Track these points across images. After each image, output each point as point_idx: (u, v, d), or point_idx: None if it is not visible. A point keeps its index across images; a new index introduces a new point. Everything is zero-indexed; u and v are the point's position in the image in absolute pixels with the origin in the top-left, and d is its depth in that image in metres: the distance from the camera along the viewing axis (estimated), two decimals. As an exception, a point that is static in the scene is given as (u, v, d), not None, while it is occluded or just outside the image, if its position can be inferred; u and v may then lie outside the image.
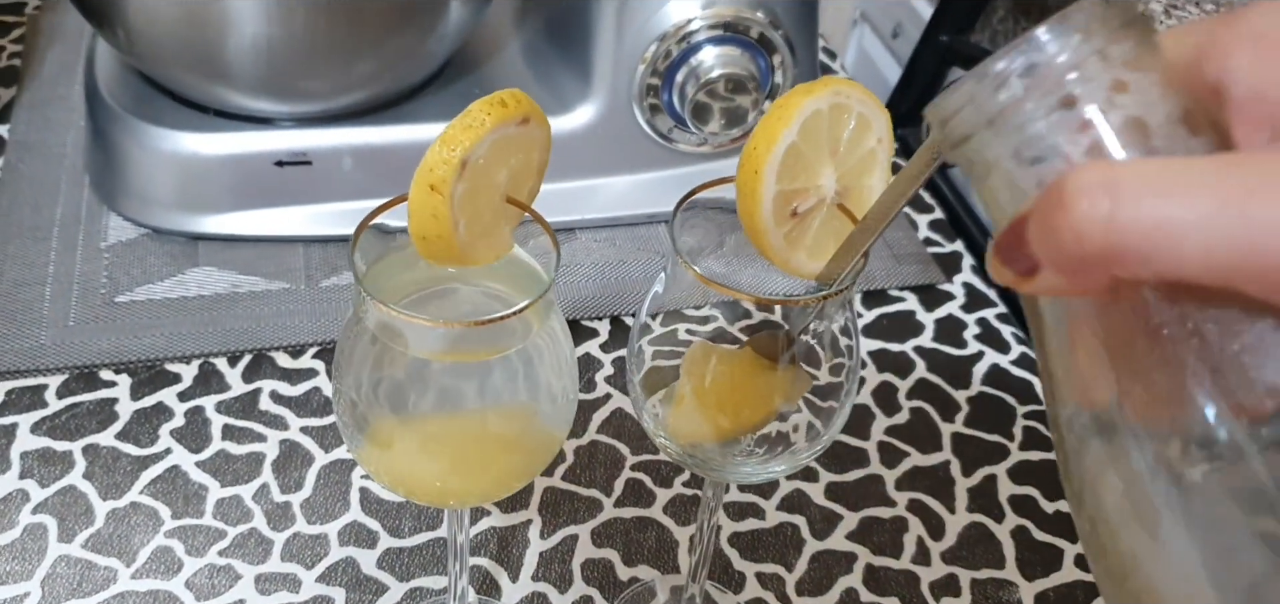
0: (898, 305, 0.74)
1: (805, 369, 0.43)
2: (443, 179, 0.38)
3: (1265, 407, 0.24)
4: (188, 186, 0.70)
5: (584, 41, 0.72)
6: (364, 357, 0.40)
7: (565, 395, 0.42)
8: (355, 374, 0.40)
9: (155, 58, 0.68)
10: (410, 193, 0.38)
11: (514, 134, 0.39)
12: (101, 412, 0.61)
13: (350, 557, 0.57)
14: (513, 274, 0.42)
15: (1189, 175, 0.23)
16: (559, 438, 0.43)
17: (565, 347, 0.42)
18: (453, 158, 0.37)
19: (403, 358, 0.39)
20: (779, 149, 0.40)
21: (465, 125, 0.38)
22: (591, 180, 0.74)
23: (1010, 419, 0.68)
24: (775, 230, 0.41)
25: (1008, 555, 0.61)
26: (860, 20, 1.11)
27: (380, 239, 0.41)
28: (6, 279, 0.67)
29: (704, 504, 0.49)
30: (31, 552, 0.55)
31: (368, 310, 0.39)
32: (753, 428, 0.43)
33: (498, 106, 0.38)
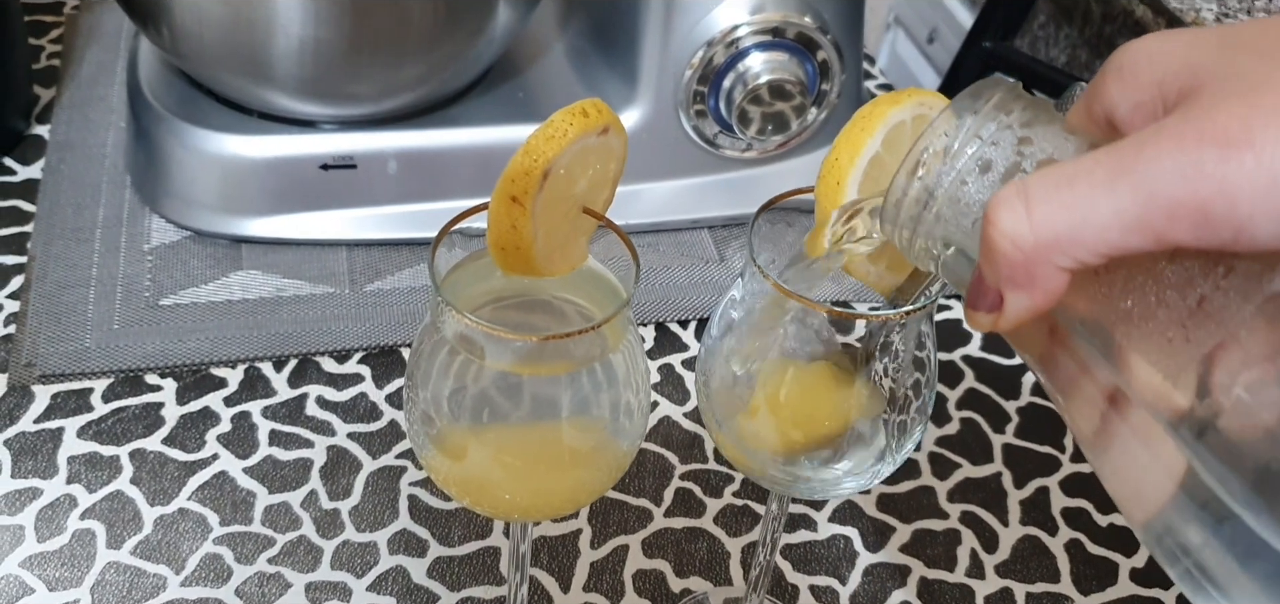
0: (945, 313, 0.74)
1: (881, 383, 0.42)
2: (525, 190, 0.37)
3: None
4: (231, 189, 0.69)
5: (630, 46, 0.71)
6: (440, 366, 0.39)
7: (640, 410, 0.41)
8: (430, 383, 0.40)
9: (200, 58, 0.68)
10: (491, 203, 0.38)
11: (594, 144, 0.39)
12: (147, 416, 0.61)
13: (401, 565, 0.56)
14: (587, 286, 0.42)
15: (1082, 163, 0.28)
16: (630, 453, 0.42)
17: (641, 362, 0.41)
18: (535, 168, 0.37)
19: (479, 369, 0.39)
20: (862, 160, 0.39)
21: (548, 135, 0.37)
22: (635, 185, 0.74)
23: (1061, 430, 0.67)
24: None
25: (1062, 569, 0.60)
26: (894, 24, 1.10)
27: (457, 246, 0.40)
28: (50, 281, 0.66)
29: (767, 517, 0.49)
30: (81, 558, 0.54)
31: (445, 319, 0.38)
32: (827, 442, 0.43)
33: (580, 116, 0.38)
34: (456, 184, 0.71)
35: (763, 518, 0.50)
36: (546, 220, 0.38)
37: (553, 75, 0.76)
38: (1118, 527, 0.62)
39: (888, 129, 0.39)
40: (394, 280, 0.69)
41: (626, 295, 0.39)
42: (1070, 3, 0.89)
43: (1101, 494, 0.64)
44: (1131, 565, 0.61)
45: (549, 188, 0.38)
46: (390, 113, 0.70)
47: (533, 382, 0.39)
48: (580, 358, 0.39)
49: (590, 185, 0.40)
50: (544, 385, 0.39)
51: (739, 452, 0.43)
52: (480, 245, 0.40)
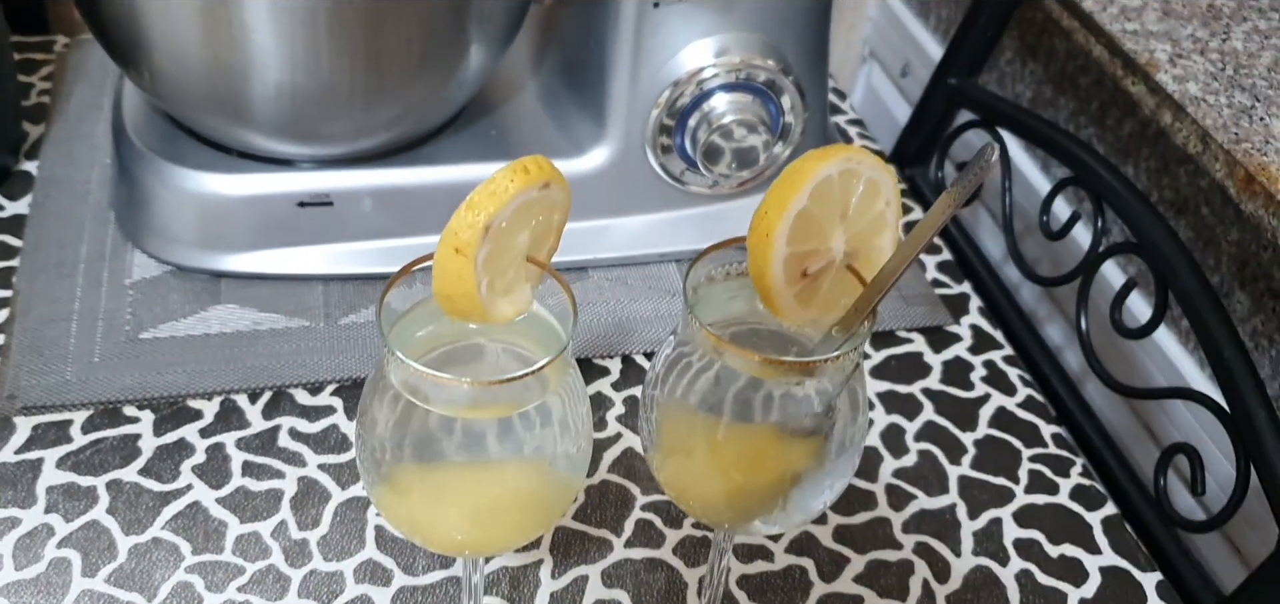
0: (906, 347, 0.76)
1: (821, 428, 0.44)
2: (468, 243, 0.39)
3: None
4: (211, 225, 0.71)
5: (599, 86, 0.73)
6: (387, 408, 0.41)
7: (580, 450, 0.43)
8: (378, 424, 0.42)
9: (180, 99, 0.70)
10: (436, 254, 0.40)
11: (536, 198, 0.41)
12: (125, 447, 0.63)
13: (365, 594, 0.58)
14: (531, 331, 0.44)
15: None
16: (574, 488, 0.44)
17: (582, 403, 0.43)
18: (477, 222, 0.39)
19: (424, 412, 0.41)
20: (790, 213, 0.41)
21: (490, 192, 0.39)
22: (604, 220, 0.76)
23: (1015, 462, 0.69)
24: (786, 290, 0.42)
25: (1012, 599, 0.62)
26: (869, 58, 1.13)
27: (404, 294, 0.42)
28: (33, 315, 0.68)
29: (715, 546, 0.51)
30: (56, 586, 0.56)
31: (392, 366, 0.40)
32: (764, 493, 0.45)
33: (521, 173, 0.40)
34: (430, 220, 0.72)
35: (711, 547, 0.51)
36: (490, 270, 0.40)
37: (525, 114, 0.78)
38: (1069, 557, 0.64)
39: (815, 184, 0.41)
40: (368, 314, 0.71)
41: (566, 339, 0.41)
42: (1035, 40, 0.91)
43: (1053, 525, 0.66)
44: (1080, 596, 0.62)
45: (491, 240, 0.40)
46: (366, 151, 0.72)
47: (475, 424, 0.41)
48: (521, 400, 0.41)
49: (534, 236, 0.42)
50: (486, 427, 0.41)
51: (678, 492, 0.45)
52: (424, 297, 0.42)
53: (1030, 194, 0.83)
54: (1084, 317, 0.75)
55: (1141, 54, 0.75)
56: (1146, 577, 0.64)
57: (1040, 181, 0.91)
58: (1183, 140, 0.72)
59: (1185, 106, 0.71)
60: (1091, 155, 0.75)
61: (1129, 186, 0.73)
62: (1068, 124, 0.88)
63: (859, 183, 0.43)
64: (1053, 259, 0.87)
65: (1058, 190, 0.78)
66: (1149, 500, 0.71)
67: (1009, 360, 0.76)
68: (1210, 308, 0.66)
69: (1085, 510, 0.67)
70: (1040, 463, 0.69)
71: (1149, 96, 0.74)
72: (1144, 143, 0.81)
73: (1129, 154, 0.82)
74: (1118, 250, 0.73)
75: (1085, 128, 0.87)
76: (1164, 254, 0.69)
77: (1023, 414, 0.72)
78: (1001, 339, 0.77)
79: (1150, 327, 0.71)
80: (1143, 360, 0.80)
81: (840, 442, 0.44)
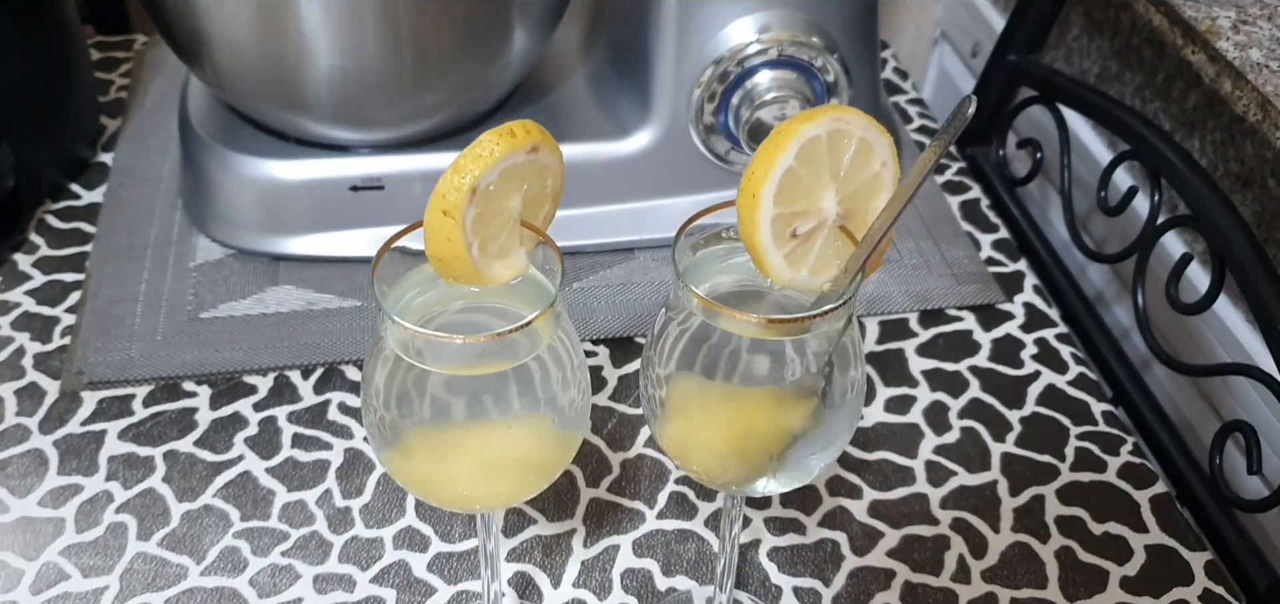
0: (955, 325, 0.75)
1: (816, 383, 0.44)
2: (454, 204, 0.40)
3: None
4: (269, 209, 0.74)
5: (643, 66, 0.74)
6: (386, 373, 0.43)
7: (573, 404, 0.44)
8: (379, 389, 0.43)
9: (240, 90, 0.73)
10: (425, 217, 0.41)
11: (524, 162, 0.42)
12: (182, 420, 0.66)
13: (403, 559, 0.60)
14: (532, 295, 0.45)
15: None
16: (575, 440, 0.45)
17: (574, 355, 0.44)
18: (463, 184, 0.40)
19: (421, 373, 0.42)
20: (776, 173, 0.42)
21: (475, 155, 0.40)
22: (650, 202, 0.76)
23: (1062, 440, 0.68)
24: (775, 250, 0.43)
25: (1051, 575, 0.61)
26: (940, 39, 1.11)
27: (403, 262, 0.44)
28: (102, 297, 0.72)
29: (725, 514, 0.51)
30: (112, 548, 0.59)
31: (388, 329, 0.42)
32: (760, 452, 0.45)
33: (506, 137, 0.41)
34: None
35: (722, 514, 0.52)
36: (481, 232, 0.42)
37: (573, 98, 0.79)
38: (1113, 535, 0.63)
39: (801, 144, 0.42)
40: (418, 294, 0.73)
41: (554, 292, 0.42)
42: (1100, 13, 0.89)
43: (1098, 503, 0.64)
44: (1123, 574, 0.61)
45: (479, 203, 0.41)
46: (417, 136, 0.74)
47: (471, 381, 0.43)
48: (514, 356, 0.42)
49: (528, 200, 0.43)
50: (482, 385, 0.43)
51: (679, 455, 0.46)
52: (422, 264, 0.43)
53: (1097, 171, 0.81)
54: (1141, 292, 0.73)
55: (1202, 21, 0.73)
56: (1195, 556, 0.62)
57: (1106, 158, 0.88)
58: (1243, 109, 0.69)
59: (1245, 74, 0.69)
60: (1149, 128, 0.73)
61: (1186, 158, 0.71)
62: (1134, 98, 0.86)
63: (850, 143, 0.43)
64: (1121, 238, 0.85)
65: (1115, 164, 0.77)
66: (1204, 480, 0.69)
67: (1062, 338, 0.74)
68: (1266, 282, 0.64)
69: (1134, 489, 0.65)
70: (1089, 441, 0.68)
71: (1208, 65, 0.72)
72: (1208, 115, 0.79)
73: (1194, 127, 0.80)
74: (1174, 224, 0.71)
75: (1151, 101, 0.84)
76: (1220, 227, 0.67)
77: (1073, 392, 0.71)
78: (1056, 317, 0.76)
79: (1207, 302, 0.69)
80: (1207, 337, 0.77)
81: (834, 399, 0.44)
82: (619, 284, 0.75)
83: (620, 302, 0.74)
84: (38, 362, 0.69)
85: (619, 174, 0.76)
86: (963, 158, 0.90)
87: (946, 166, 0.88)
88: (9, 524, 0.60)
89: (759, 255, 0.43)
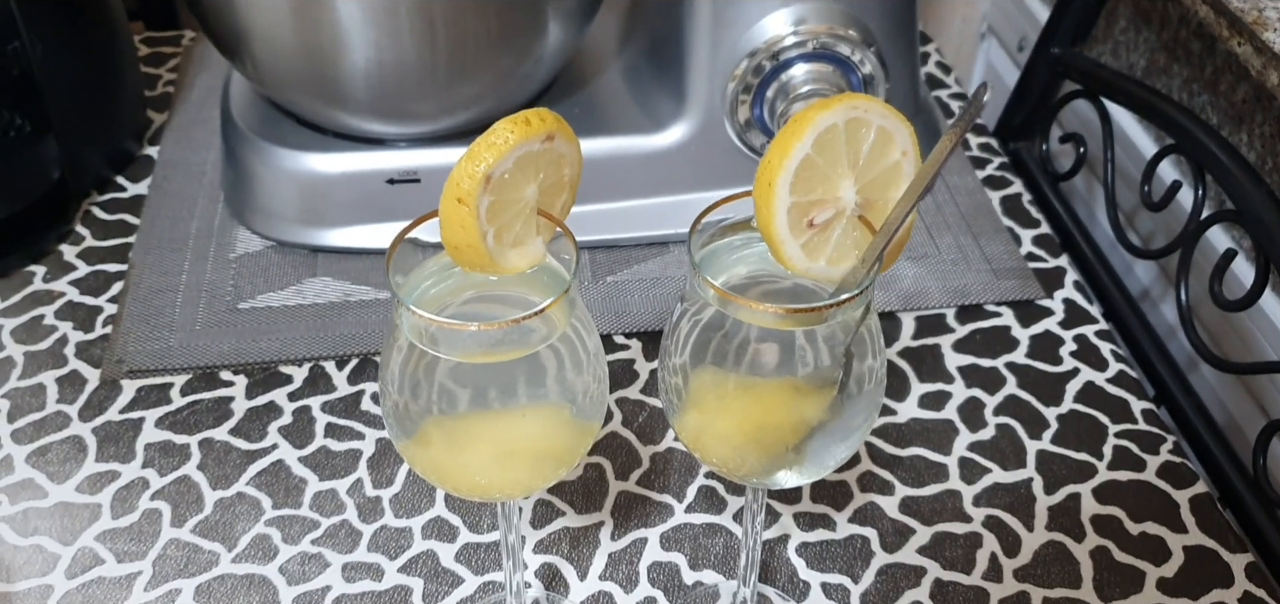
0: (993, 320, 0.74)
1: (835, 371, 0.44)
2: (468, 192, 0.40)
3: None
4: (308, 202, 0.75)
5: (679, 59, 0.74)
6: (402, 361, 0.43)
7: (588, 392, 0.44)
8: (396, 377, 0.43)
9: (279, 84, 0.74)
10: (440, 205, 0.41)
11: (539, 150, 0.42)
12: (218, 409, 0.67)
13: (431, 549, 0.60)
14: (546, 283, 0.45)
15: None
16: (590, 430, 0.45)
17: (589, 343, 0.44)
18: (477, 172, 0.40)
19: (436, 361, 0.42)
20: (792, 162, 0.41)
21: (489, 143, 0.40)
22: (684, 195, 0.76)
23: (1101, 438, 0.66)
24: (792, 240, 0.42)
25: (1085, 575, 0.60)
26: (988, 34, 1.10)
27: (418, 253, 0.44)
28: (144, 286, 0.73)
29: (747, 508, 0.51)
30: (147, 534, 0.60)
31: (403, 317, 0.42)
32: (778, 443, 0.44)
33: (521, 125, 0.41)
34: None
35: (744, 509, 0.51)
36: (496, 220, 0.42)
37: (609, 93, 0.79)
38: (1150, 535, 0.62)
39: (818, 133, 0.41)
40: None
41: (569, 278, 0.42)
42: (1148, 5, 0.88)
43: (1136, 502, 0.63)
44: (1160, 575, 0.60)
45: (493, 191, 0.41)
46: (453, 130, 0.75)
47: (486, 369, 0.43)
48: (527, 344, 0.42)
49: (544, 189, 0.43)
50: (496, 372, 0.43)
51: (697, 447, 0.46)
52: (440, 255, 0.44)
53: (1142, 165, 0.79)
54: (1184, 288, 0.72)
55: (1249, 12, 0.71)
56: (1236, 558, 0.61)
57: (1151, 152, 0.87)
58: (1291, 102, 0.68)
59: (1293, 66, 0.67)
60: (1193, 121, 0.72)
61: (1230, 152, 0.69)
62: (1182, 92, 0.84)
63: (868, 132, 0.42)
64: (1166, 233, 0.83)
65: (1159, 159, 0.75)
66: (1248, 480, 0.67)
67: (1102, 335, 0.73)
68: (1312, 276, 0.63)
69: (1173, 488, 0.64)
70: (1127, 439, 0.66)
71: (1255, 57, 0.70)
72: (1258, 108, 0.77)
73: (1243, 121, 0.78)
74: (1218, 219, 0.70)
75: (1199, 94, 0.83)
76: (1265, 222, 0.66)
77: (1113, 390, 0.69)
78: (1097, 314, 0.75)
79: (1251, 298, 0.67)
80: (1254, 335, 0.76)
81: (852, 389, 0.43)
82: (652, 278, 0.74)
83: (653, 296, 0.73)
84: (80, 350, 0.70)
85: (653, 167, 0.76)
86: (1005, 153, 0.88)
87: (987, 161, 0.86)
88: (47, 509, 0.61)
89: (776, 245, 0.42)
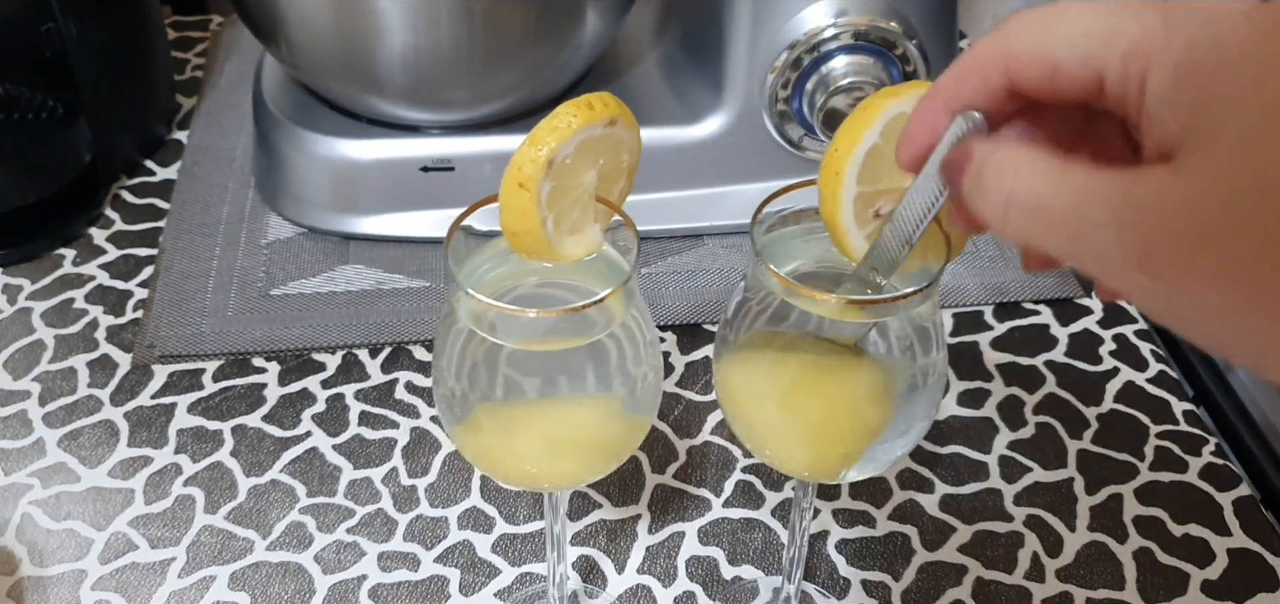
0: (1031, 318, 0.73)
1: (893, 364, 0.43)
2: (530, 177, 0.40)
3: None
4: (341, 189, 0.74)
5: (717, 50, 0.73)
6: (458, 346, 0.42)
7: (646, 382, 0.43)
8: (451, 362, 0.43)
9: (314, 69, 0.73)
10: (501, 190, 0.41)
11: (601, 135, 0.41)
12: (251, 395, 0.66)
13: (467, 540, 0.59)
14: (603, 271, 0.44)
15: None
16: (644, 423, 0.45)
17: (647, 334, 0.43)
18: (539, 157, 0.40)
19: (492, 347, 0.42)
20: (860, 151, 0.41)
21: (552, 127, 0.40)
22: (721, 188, 0.76)
23: (1142, 438, 0.66)
24: (857, 231, 0.42)
25: (1128, 576, 0.59)
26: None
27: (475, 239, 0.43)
28: (175, 271, 0.72)
29: (795, 504, 0.50)
30: (180, 520, 0.60)
31: (460, 301, 0.42)
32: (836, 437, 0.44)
33: (584, 109, 0.40)
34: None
35: (793, 505, 0.51)
36: (555, 206, 0.41)
37: (645, 83, 0.79)
38: (1194, 537, 0.61)
39: (886, 120, 0.41)
40: (486, 276, 0.73)
41: (629, 269, 0.41)
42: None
43: (1178, 504, 0.62)
44: (1204, 577, 0.59)
45: (554, 176, 0.40)
46: (487, 118, 0.74)
47: (542, 357, 0.42)
48: (586, 333, 0.41)
49: (603, 175, 0.43)
50: (553, 360, 0.42)
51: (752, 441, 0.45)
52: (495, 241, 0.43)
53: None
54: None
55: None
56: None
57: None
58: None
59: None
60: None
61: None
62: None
63: (934, 122, 0.41)
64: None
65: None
66: (1291, 483, 0.67)
67: (1142, 335, 0.72)
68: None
69: (1216, 491, 0.63)
70: (1169, 440, 0.66)
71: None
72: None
73: None
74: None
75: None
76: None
77: (1153, 390, 0.69)
78: (1135, 313, 0.74)
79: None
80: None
81: (913, 383, 0.43)
82: (688, 270, 0.74)
83: (689, 288, 0.73)
84: (110, 334, 0.69)
85: (690, 159, 0.75)
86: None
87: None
88: (80, 493, 0.61)
89: (839, 235, 0.42)
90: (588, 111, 0.40)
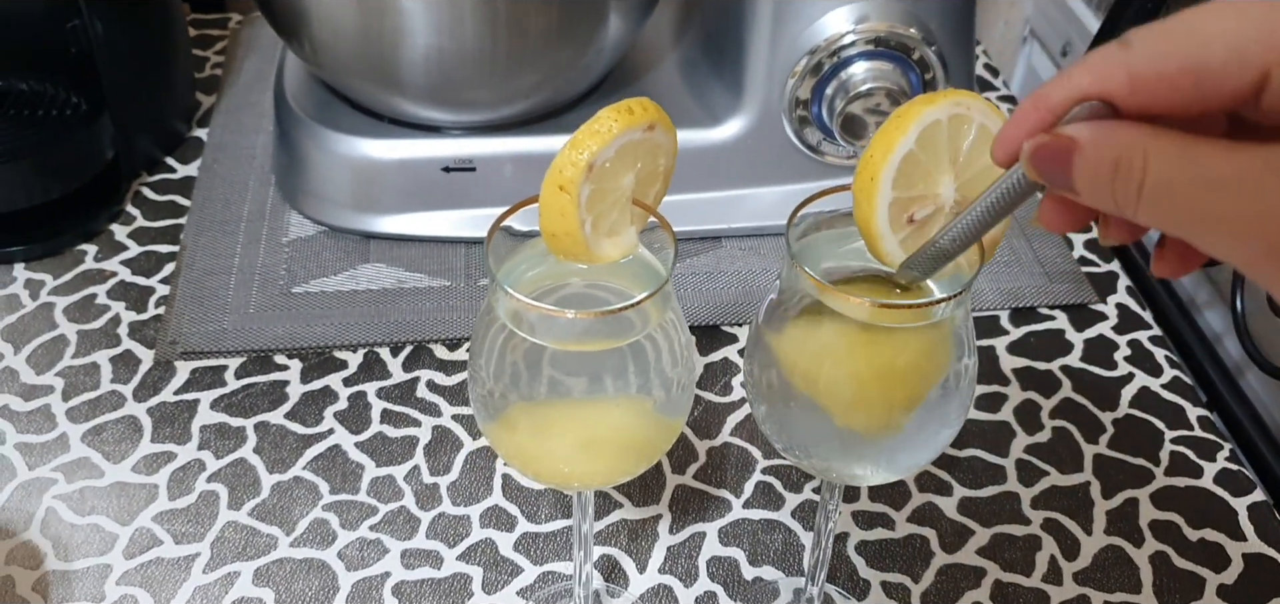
0: (1047, 324, 0.73)
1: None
2: (571, 180, 0.40)
3: None
4: (362, 188, 0.75)
5: (737, 54, 0.74)
6: (495, 344, 0.43)
7: (680, 385, 0.44)
8: (487, 361, 0.43)
9: (337, 68, 0.73)
10: (541, 192, 0.41)
11: (640, 139, 0.41)
12: (273, 392, 0.67)
13: (489, 538, 0.60)
14: (638, 273, 0.45)
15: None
16: (676, 426, 0.45)
17: (681, 338, 0.44)
18: (580, 160, 0.40)
19: (530, 346, 0.42)
20: (896, 156, 0.41)
21: (593, 130, 0.40)
22: (740, 190, 0.76)
23: (1157, 443, 0.66)
24: (891, 236, 0.42)
25: (1145, 580, 0.60)
26: (1030, 38, 1.10)
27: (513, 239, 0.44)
28: (197, 268, 0.73)
29: (821, 505, 0.50)
30: (204, 516, 0.60)
31: (500, 300, 0.42)
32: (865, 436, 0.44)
33: (624, 113, 0.41)
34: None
35: (818, 506, 0.51)
36: (594, 209, 0.41)
37: (665, 85, 0.79)
38: (1210, 542, 0.61)
39: (922, 127, 0.41)
40: (506, 276, 0.74)
41: (666, 273, 0.42)
42: (1200, 14, 0.87)
43: (1194, 509, 0.63)
44: (1220, 581, 0.60)
45: (595, 179, 0.41)
46: (508, 119, 0.75)
47: (580, 357, 0.42)
48: (622, 335, 0.42)
49: (640, 179, 0.43)
50: (590, 361, 0.43)
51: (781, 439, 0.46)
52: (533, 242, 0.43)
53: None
54: (1239, 294, 0.71)
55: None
56: (1296, 567, 0.61)
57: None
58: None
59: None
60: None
61: None
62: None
63: (970, 128, 0.42)
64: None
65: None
66: (1304, 490, 0.67)
67: (1156, 341, 0.73)
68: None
69: (1231, 496, 0.64)
70: (1184, 445, 0.66)
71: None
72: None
73: (1297, 131, 0.78)
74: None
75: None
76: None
77: (1168, 395, 0.69)
78: (1150, 319, 0.74)
79: (1310, 308, 0.67)
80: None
81: (944, 385, 0.43)
82: (706, 273, 0.74)
83: (707, 290, 0.73)
84: (133, 330, 0.70)
85: (709, 162, 0.75)
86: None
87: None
88: (104, 488, 0.61)
89: (874, 240, 0.42)
90: (628, 116, 0.41)
